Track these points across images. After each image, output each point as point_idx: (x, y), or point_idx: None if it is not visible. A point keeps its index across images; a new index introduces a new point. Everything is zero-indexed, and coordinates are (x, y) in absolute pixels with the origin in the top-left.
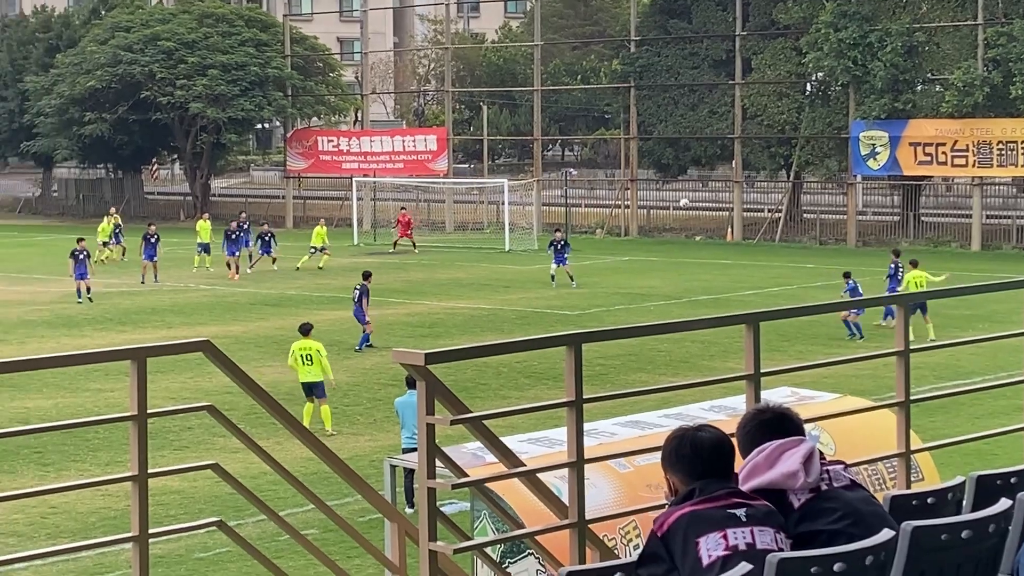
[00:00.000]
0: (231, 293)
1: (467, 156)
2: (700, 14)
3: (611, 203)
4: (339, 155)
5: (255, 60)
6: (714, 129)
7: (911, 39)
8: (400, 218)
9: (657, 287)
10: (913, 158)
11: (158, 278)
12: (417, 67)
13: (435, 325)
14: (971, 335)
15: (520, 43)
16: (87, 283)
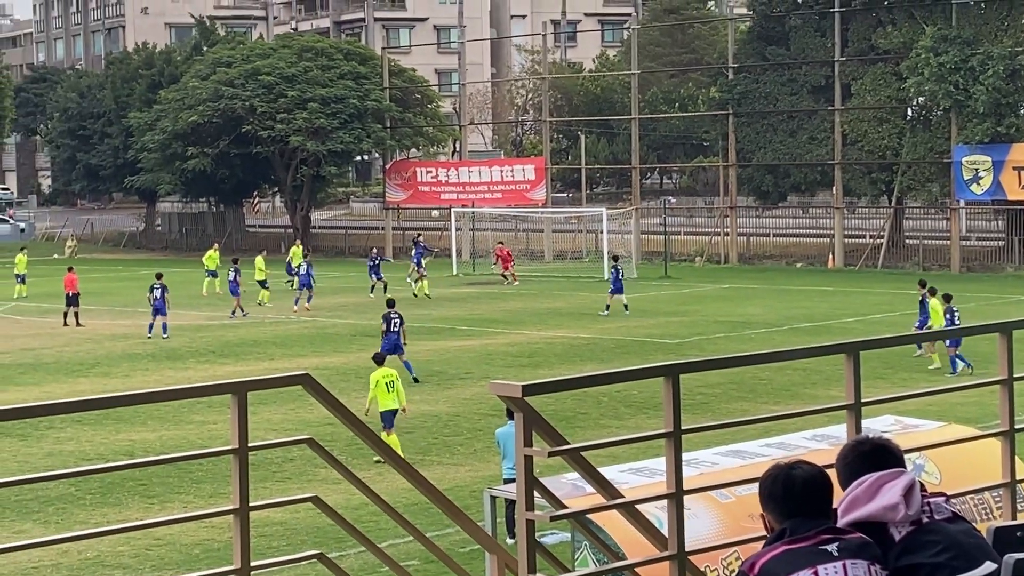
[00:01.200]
0: (331, 324)
1: (565, 185)
2: (798, 40)
3: (710, 230)
4: (438, 186)
5: (354, 93)
6: (814, 155)
7: (1014, 63)
8: (498, 252)
9: (757, 315)
10: (1017, 182)
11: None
12: (515, 97)
13: (534, 355)
14: None
15: (617, 72)
16: (164, 319)
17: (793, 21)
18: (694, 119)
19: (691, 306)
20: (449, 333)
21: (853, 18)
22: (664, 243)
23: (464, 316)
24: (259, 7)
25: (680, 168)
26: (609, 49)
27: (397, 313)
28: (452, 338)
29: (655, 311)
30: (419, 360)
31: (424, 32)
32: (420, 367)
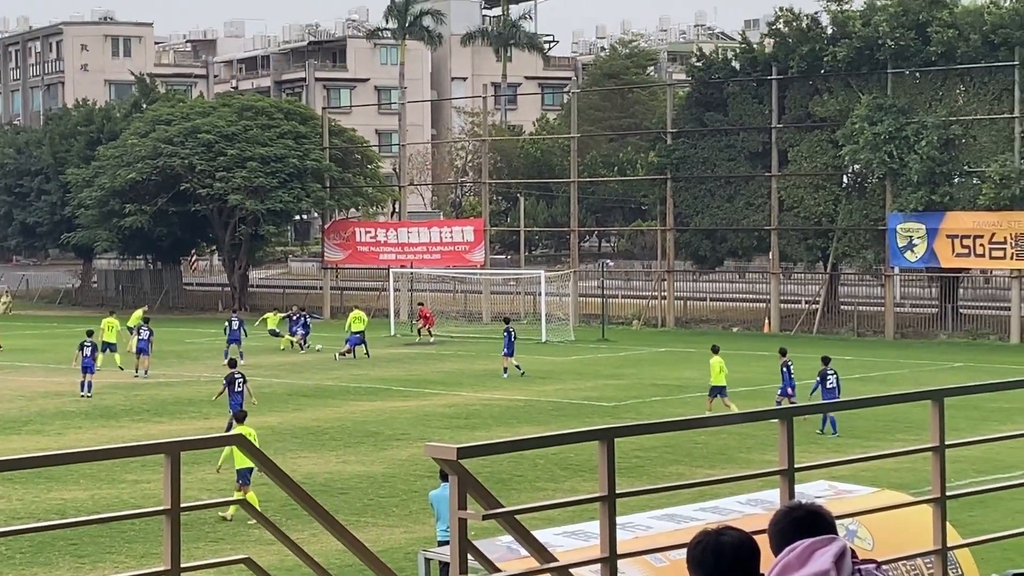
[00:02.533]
0: (267, 384)
1: (504, 247)
2: (736, 107)
3: (648, 294)
4: (377, 246)
5: (294, 152)
6: (751, 221)
7: (947, 132)
8: (421, 312)
9: (694, 378)
10: (951, 250)
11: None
12: (454, 159)
13: (471, 416)
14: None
15: (557, 135)
16: (91, 377)
17: (731, 88)
18: (633, 183)
19: (628, 369)
20: (386, 393)
21: (790, 86)
22: (602, 306)
23: (401, 376)
24: (200, 65)
25: (618, 231)
26: (549, 112)
27: (240, 373)
28: (389, 399)
29: (592, 374)
30: (355, 420)
31: (365, 93)
32: (356, 427)
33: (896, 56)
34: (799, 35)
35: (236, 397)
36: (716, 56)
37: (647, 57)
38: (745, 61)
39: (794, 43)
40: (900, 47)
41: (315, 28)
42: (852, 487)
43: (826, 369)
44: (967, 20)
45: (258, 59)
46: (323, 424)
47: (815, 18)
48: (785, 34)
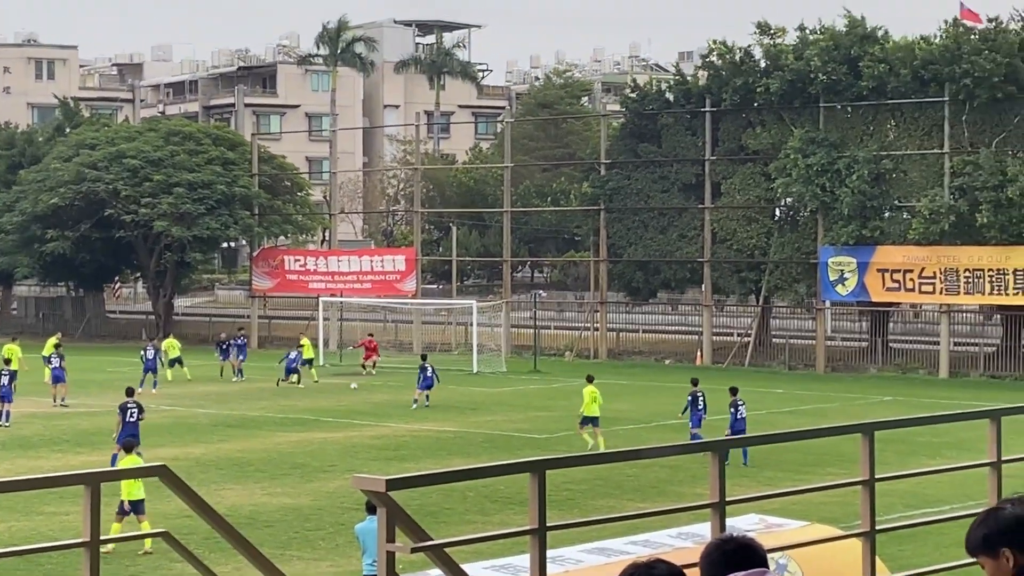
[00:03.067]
0: (192, 414)
1: (436, 277)
2: (670, 138)
3: (580, 325)
4: (306, 274)
5: (222, 178)
6: (684, 253)
7: (878, 167)
8: (366, 343)
9: (626, 411)
10: (881, 284)
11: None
12: (386, 187)
13: (400, 448)
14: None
15: (490, 164)
16: (9, 406)
17: (665, 119)
18: (566, 214)
19: (560, 401)
20: (313, 424)
21: (723, 118)
22: (534, 337)
23: (329, 407)
24: (126, 89)
25: (551, 262)
26: (482, 141)
27: (135, 403)
28: (316, 429)
29: (524, 405)
30: (282, 451)
31: (295, 119)
32: (282, 459)
33: (828, 90)
34: (732, 68)
35: (127, 427)
36: (650, 88)
37: (581, 88)
38: (679, 93)
39: (727, 76)
40: (832, 81)
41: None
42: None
43: (736, 399)
44: (898, 55)
45: (186, 84)
46: (249, 455)
47: (748, 51)
48: (718, 67)
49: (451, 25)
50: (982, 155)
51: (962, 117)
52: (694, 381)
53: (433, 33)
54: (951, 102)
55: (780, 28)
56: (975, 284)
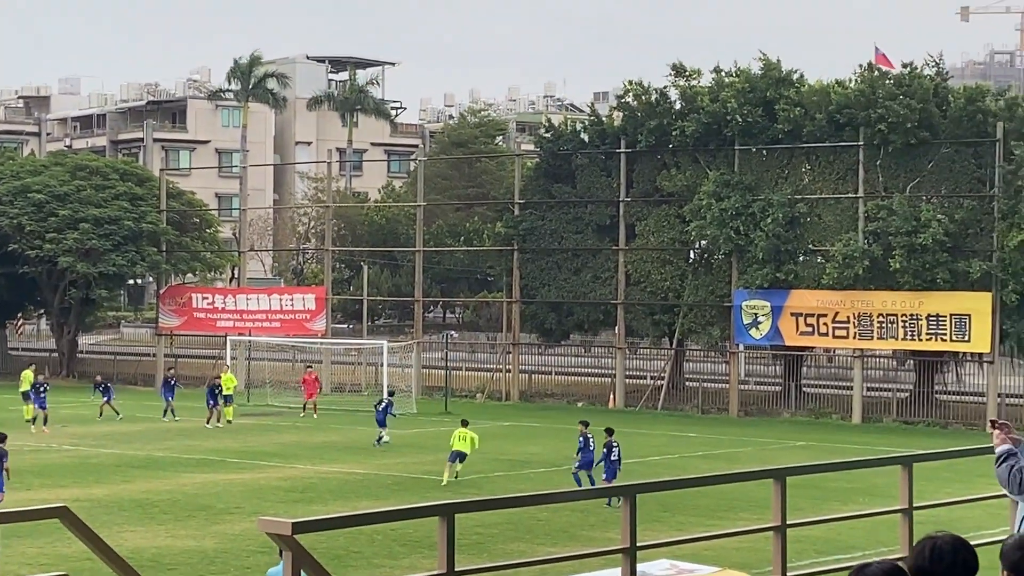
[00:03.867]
0: (95, 454)
1: (346, 316)
2: (584, 179)
3: (492, 367)
4: (214, 312)
5: (129, 214)
6: (597, 294)
7: (793, 210)
8: (306, 378)
9: (538, 454)
10: (795, 328)
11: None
12: (297, 224)
13: (308, 490)
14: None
15: (403, 203)
16: None
17: (579, 160)
18: (479, 253)
19: None
20: (219, 465)
21: (638, 159)
22: (445, 378)
23: (236, 448)
24: (32, 123)
25: (463, 302)
26: (395, 180)
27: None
28: (222, 471)
29: (434, 447)
30: (186, 493)
31: (205, 155)
32: (187, 500)
33: (743, 133)
34: (648, 109)
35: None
36: (565, 127)
37: (496, 127)
38: (594, 133)
39: (643, 117)
40: (747, 124)
41: (154, 87)
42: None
43: (611, 440)
44: (813, 99)
45: (94, 117)
46: (152, 496)
47: (664, 92)
48: (634, 107)
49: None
50: (896, 200)
51: (876, 162)
52: (584, 423)
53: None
54: (866, 147)
55: (695, 70)
56: (888, 329)
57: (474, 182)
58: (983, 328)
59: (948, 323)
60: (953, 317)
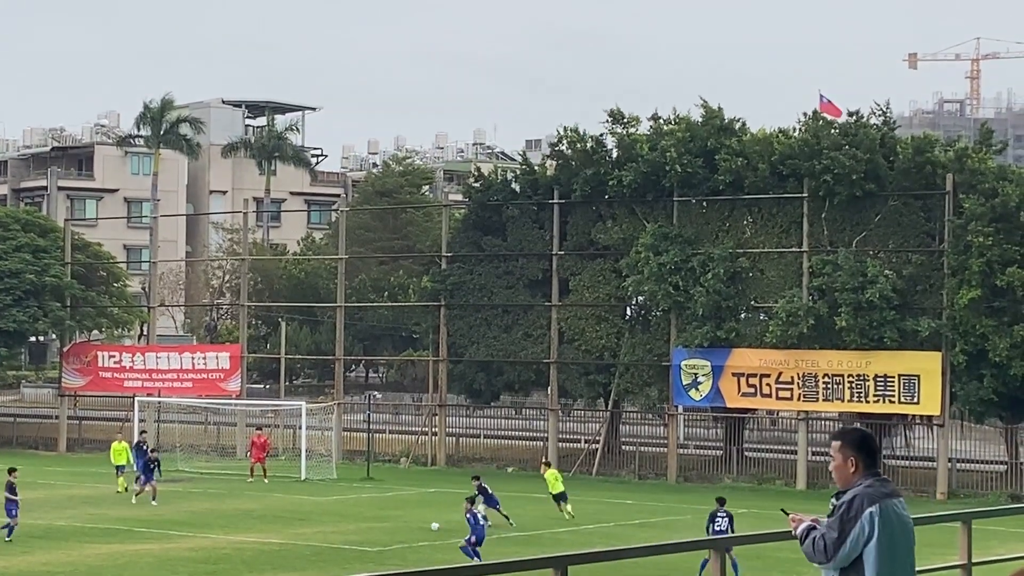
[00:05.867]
0: None
1: (263, 375)
2: (515, 231)
3: (418, 430)
4: (121, 372)
5: (31, 267)
6: (529, 353)
7: (735, 265)
8: (255, 440)
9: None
10: (737, 389)
11: None
12: (211, 278)
13: (220, 561)
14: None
15: (323, 255)
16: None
17: (510, 211)
18: (404, 309)
19: (394, 511)
20: (125, 535)
21: (573, 211)
22: (367, 441)
23: (143, 516)
24: None
25: (388, 361)
26: (315, 231)
27: None
28: (128, 541)
29: (355, 515)
30: (90, 565)
31: (113, 204)
32: (91, 573)
33: (683, 183)
34: (583, 157)
35: None
36: (495, 177)
37: (422, 175)
38: (525, 183)
39: (577, 166)
40: (687, 174)
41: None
42: None
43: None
44: (755, 149)
45: None
46: (53, 569)
47: (600, 140)
48: (568, 156)
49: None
50: (841, 255)
51: (821, 214)
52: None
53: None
54: (810, 198)
55: (634, 117)
56: (834, 390)
57: (399, 234)
58: (933, 389)
59: (896, 384)
60: (902, 378)
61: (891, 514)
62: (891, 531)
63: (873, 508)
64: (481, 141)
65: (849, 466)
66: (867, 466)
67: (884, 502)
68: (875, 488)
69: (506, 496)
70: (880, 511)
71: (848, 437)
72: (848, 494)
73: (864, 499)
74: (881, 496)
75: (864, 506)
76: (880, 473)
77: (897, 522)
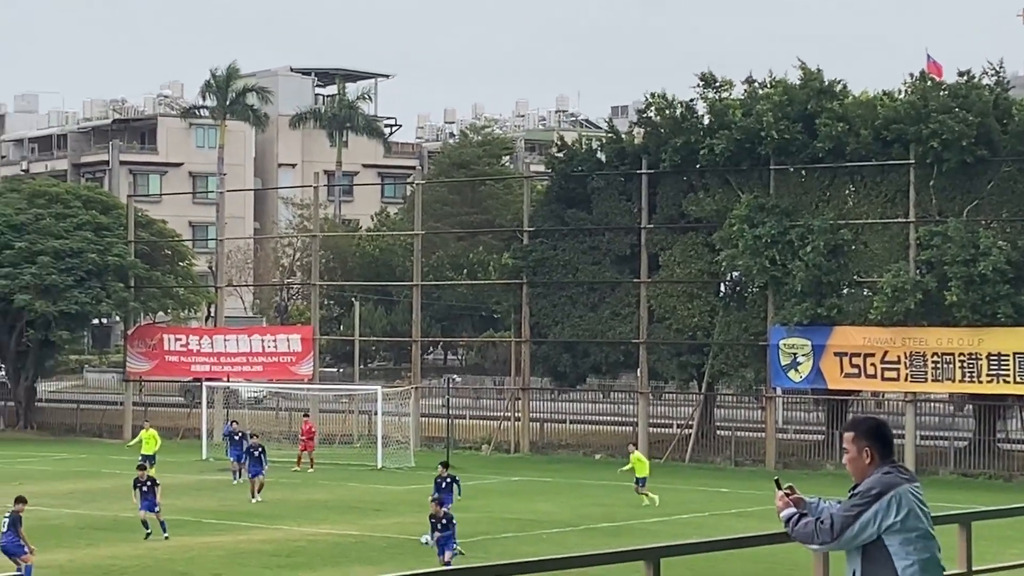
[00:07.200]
0: (56, 515)
1: (336, 359)
2: (601, 204)
3: (499, 415)
4: (188, 355)
5: (93, 246)
6: (616, 333)
7: (836, 237)
8: (303, 427)
9: (551, 512)
10: (839, 370)
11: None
12: (280, 257)
13: (295, 554)
14: None
15: (398, 231)
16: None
17: (596, 182)
18: (484, 288)
19: (476, 501)
20: (194, 527)
21: (662, 181)
22: (447, 428)
23: (213, 508)
24: None
25: (467, 343)
26: (390, 206)
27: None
28: (198, 533)
29: None
30: (158, 558)
31: (178, 179)
32: (159, 566)
33: (780, 151)
34: (672, 125)
35: None
36: (579, 146)
37: (502, 145)
38: (612, 153)
39: (667, 134)
40: (784, 141)
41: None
42: None
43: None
44: (858, 113)
45: (53, 138)
46: (120, 562)
47: (690, 106)
48: (657, 123)
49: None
50: (951, 225)
51: (929, 183)
52: (443, 464)
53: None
54: (917, 166)
55: (727, 81)
56: (944, 370)
57: (478, 208)
58: None
59: (1012, 363)
60: (1017, 356)
61: (911, 499)
62: (913, 516)
63: (892, 494)
64: (564, 108)
65: (864, 457)
66: (883, 456)
67: (903, 487)
68: (893, 475)
69: (594, 485)
70: (900, 496)
71: (861, 427)
72: (864, 484)
73: (882, 486)
74: (900, 482)
75: (882, 491)
76: (896, 461)
77: (918, 507)
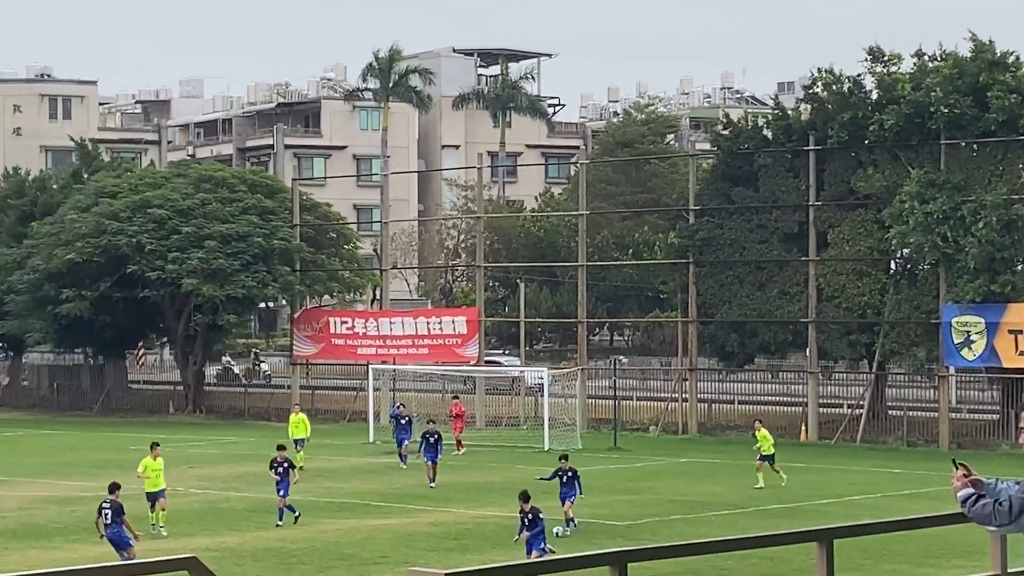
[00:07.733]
0: (225, 499)
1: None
2: (768, 181)
3: (667, 396)
4: (354, 339)
5: (259, 230)
6: (785, 312)
7: (1009, 212)
8: (453, 409)
9: (720, 494)
10: (1014, 348)
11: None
12: (445, 239)
13: (462, 536)
14: None
15: (563, 212)
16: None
17: (762, 160)
18: (650, 267)
19: (644, 483)
20: (362, 510)
21: (830, 158)
22: (614, 409)
23: (381, 490)
24: (151, 130)
25: (633, 323)
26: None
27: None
28: (366, 516)
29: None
30: (327, 540)
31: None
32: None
33: (951, 125)
34: (840, 100)
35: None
36: (745, 123)
37: (666, 124)
38: (778, 129)
39: (834, 109)
40: (955, 115)
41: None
42: None
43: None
44: None
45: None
46: (289, 545)
47: (858, 81)
48: (824, 99)
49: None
50: None
51: None
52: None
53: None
54: None
55: (895, 55)
56: None
57: (643, 187)
58: None
59: None
60: None
61: None
62: None
63: None
64: (729, 85)
65: None
66: None
67: None
68: None
69: None
70: None
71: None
72: None
73: None
74: None
75: None
76: None
77: None
